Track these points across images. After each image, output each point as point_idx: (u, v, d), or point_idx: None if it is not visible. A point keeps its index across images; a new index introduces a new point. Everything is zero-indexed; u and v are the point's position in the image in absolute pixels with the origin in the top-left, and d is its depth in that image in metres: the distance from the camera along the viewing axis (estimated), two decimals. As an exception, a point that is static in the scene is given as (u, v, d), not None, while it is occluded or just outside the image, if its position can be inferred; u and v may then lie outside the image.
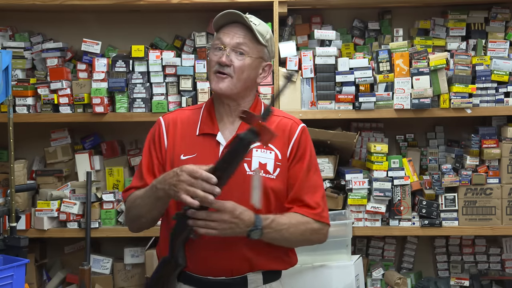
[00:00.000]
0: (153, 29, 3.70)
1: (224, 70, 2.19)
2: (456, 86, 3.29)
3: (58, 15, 3.69)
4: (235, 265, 2.17)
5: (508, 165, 3.35)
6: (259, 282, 2.21)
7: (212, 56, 2.22)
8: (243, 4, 3.40)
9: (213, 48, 2.23)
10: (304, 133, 2.27)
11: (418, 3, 3.65)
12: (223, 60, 2.18)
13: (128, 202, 2.28)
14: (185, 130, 2.26)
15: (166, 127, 2.27)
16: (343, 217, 3.22)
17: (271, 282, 2.25)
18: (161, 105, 3.34)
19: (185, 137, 2.25)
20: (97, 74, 3.36)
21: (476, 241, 3.63)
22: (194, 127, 2.26)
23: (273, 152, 2.21)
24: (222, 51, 2.20)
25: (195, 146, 2.22)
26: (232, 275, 2.18)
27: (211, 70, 2.22)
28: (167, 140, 2.26)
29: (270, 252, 2.21)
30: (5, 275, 2.56)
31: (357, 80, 3.33)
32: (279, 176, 2.20)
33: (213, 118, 2.26)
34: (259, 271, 2.21)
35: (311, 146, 2.28)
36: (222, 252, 2.15)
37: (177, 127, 2.27)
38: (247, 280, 2.20)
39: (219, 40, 2.22)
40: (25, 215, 3.35)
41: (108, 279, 3.51)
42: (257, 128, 1.99)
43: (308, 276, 3.00)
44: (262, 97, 3.33)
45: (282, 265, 2.27)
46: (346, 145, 3.35)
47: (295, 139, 2.24)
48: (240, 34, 2.21)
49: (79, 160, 3.56)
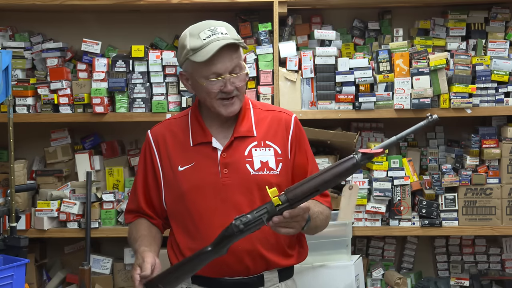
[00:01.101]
0: (153, 29, 3.70)
1: (232, 95, 2.15)
2: (456, 86, 3.29)
3: (58, 15, 3.69)
4: (252, 264, 2.17)
5: (508, 165, 3.35)
6: (275, 281, 2.22)
7: (211, 88, 2.12)
8: (243, 4, 3.40)
9: (207, 79, 2.12)
10: (297, 123, 2.29)
11: (418, 3, 3.65)
12: (229, 89, 2.12)
13: (130, 230, 2.32)
14: (177, 141, 2.24)
15: (156, 143, 2.26)
16: (343, 217, 3.22)
17: (286, 280, 2.26)
18: (161, 105, 3.34)
19: (179, 148, 2.23)
20: (97, 74, 3.36)
21: (476, 241, 3.63)
22: (186, 137, 2.24)
23: (272, 149, 2.21)
24: (221, 79, 2.11)
25: (191, 156, 2.21)
26: (249, 274, 2.18)
27: (213, 98, 2.14)
28: (158, 156, 2.25)
29: (282, 249, 2.21)
30: (5, 275, 2.56)
31: (357, 80, 3.33)
32: (282, 171, 2.21)
33: (203, 126, 2.23)
34: (274, 269, 2.22)
35: (304, 133, 2.32)
36: (239, 252, 2.15)
37: (167, 140, 2.25)
38: (264, 278, 2.20)
39: (214, 74, 2.11)
40: (25, 215, 3.35)
41: (108, 279, 3.51)
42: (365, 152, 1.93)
43: (308, 276, 3.00)
44: (262, 97, 3.33)
45: (295, 259, 2.27)
46: (346, 145, 3.35)
47: (292, 131, 2.25)
48: (229, 56, 2.11)
49: (79, 160, 3.56)
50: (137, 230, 2.26)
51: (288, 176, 2.22)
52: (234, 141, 2.20)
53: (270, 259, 2.19)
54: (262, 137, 2.22)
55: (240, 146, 2.20)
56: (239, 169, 2.17)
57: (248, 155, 2.18)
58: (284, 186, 2.18)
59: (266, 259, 2.18)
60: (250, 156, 2.18)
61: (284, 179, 2.21)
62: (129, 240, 2.30)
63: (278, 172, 2.20)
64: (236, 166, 2.17)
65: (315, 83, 3.35)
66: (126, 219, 2.36)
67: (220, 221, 2.11)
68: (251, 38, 3.48)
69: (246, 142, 2.21)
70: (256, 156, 2.19)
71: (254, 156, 2.19)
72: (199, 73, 2.12)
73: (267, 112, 2.28)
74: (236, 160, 2.18)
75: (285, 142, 2.23)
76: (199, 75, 2.13)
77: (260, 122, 2.25)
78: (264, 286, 2.20)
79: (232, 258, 2.15)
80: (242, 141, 2.21)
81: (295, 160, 2.24)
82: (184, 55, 2.14)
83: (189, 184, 2.18)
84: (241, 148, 2.20)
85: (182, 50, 2.15)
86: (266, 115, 2.27)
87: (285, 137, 2.24)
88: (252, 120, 2.24)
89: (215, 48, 2.06)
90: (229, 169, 2.17)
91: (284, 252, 2.23)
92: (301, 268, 2.98)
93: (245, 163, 2.18)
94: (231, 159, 2.18)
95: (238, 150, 2.19)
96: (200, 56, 2.08)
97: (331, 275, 3.03)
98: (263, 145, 2.21)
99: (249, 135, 2.21)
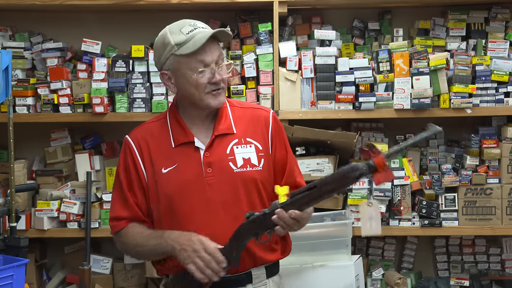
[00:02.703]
0: (153, 29, 3.66)
1: (219, 86, 2.17)
2: (456, 86, 3.29)
3: (58, 15, 3.69)
4: (241, 261, 2.17)
5: (508, 165, 3.35)
6: (263, 277, 2.23)
7: (200, 80, 2.13)
8: (243, 4, 3.40)
9: (195, 71, 2.13)
10: (275, 119, 2.31)
11: (418, 3, 3.65)
12: (217, 79, 2.15)
13: (123, 238, 2.25)
14: (158, 144, 2.23)
15: (137, 147, 2.24)
16: (343, 217, 3.21)
17: (273, 276, 2.27)
18: (161, 105, 3.34)
19: (160, 150, 2.22)
20: (97, 74, 3.36)
21: (476, 241, 3.63)
22: (167, 139, 2.23)
23: (253, 145, 2.23)
24: (209, 69, 2.14)
25: (173, 157, 2.20)
26: (237, 271, 2.18)
27: (202, 92, 2.15)
28: (141, 160, 2.23)
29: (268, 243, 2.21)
30: (5, 275, 2.56)
31: (357, 80, 3.33)
32: (265, 166, 2.23)
33: (184, 126, 2.23)
34: (262, 265, 2.23)
35: (283, 128, 2.34)
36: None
37: (148, 143, 2.24)
38: (252, 275, 2.21)
39: (200, 62, 2.13)
40: (25, 215, 3.36)
41: (108, 279, 3.51)
42: (377, 164, 1.95)
43: (308, 276, 3.00)
44: (262, 97, 3.33)
45: (279, 254, 2.28)
46: (346, 145, 3.35)
47: (271, 128, 2.27)
48: (214, 46, 2.15)
49: (79, 160, 3.56)
50: (141, 230, 2.23)
51: (270, 171, 2.25)
52: (215, 139, 2.21)
53: (257, 254, 2.20)
54: (242, 134, 2.24)
55: (221, 145, 2.21)
56: (222, 167, 2.18)
57: (230, 153, 2.20)
58: (267, 182, 2.23)
59: (253, 255, 2.19)
60: (232, 153, 2.20)
61: (267, 175, 2.23)
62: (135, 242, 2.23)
63: (261, 168, 2.21)
64: (220, 165, 2.18)
65: (315, 83, 3.35)
66: (116, 227, 2.27)
67: (206, 221, 2.14)
68: (251, 38, 3.48)
69: (226, 140, 2.22)
70: (238, 153, 2.21)
71: (236, 154, 2.20)
72: (186, 66, 2.14)
73: (244, 109, 2.31)
74: (219, 159, 2.19)
75: (265, 138, 2.25)
76: (186, 68, 2.14)
77: (238, 119, 2.27)
78: (252, 283, 2.21)
79: None
80: (223, 139, 2.22)
81: (275, 156, 2.26)
82: (167, 52, 2.15)
83: (174, 186, 2.18)
84: (222, 146, 2.21)
85: (163, 48, 2.17)
86: (244, 112, 2.29)
87: (265, 133, 2.26)
88: (230, 118, 2.26)
89: (204, 38, 2.10)
90: (212, 168, 2.18)
91: (270, 247, 2.24)
92: (301, 268, 2.99)
93: (228, 161, 2.19)
94: (214, 158, 2.19)
95: (220, 148, 2.21)
96: (187, 48, 2.11)
97: (331, 275, 3.03)
98: (244, 142, 2.22)
99: (229, 133, 2.23)
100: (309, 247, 2.37)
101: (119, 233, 2.27)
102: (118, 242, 2.30)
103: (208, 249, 2.07)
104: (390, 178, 1.98)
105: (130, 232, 2.24)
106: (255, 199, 2.19)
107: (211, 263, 2.06)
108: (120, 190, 2.26)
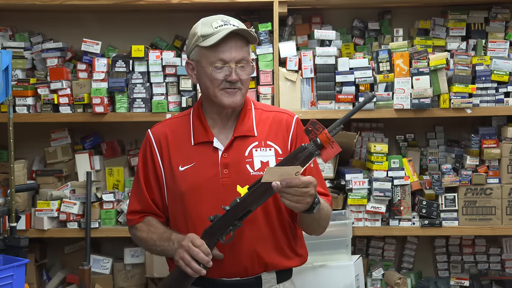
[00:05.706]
0: (153, 29, 3.70)
1: (235, 86, 2.16)
2: (456, 86, 3.29)
3: (58, 15, 3.69)
4: (250, 265, 2.17)
5: (508, 165, 3.35)
6: (273, 282, 2.22)
7: (216, 75, 2.14)
8: (243, 4, 3.40)
9: (212, 65, 2.14)
10: (299, 124, 2.29)
11: (418, 3, 3.65)
12: (234, 78, 2.14)
13: (138, 232, 2.29)
14: (178, 140, 2.24)
15: (157, 143, 2.26)
16: (343, 217, 3.22)
17: (284, 281, 2.26)
18: (161, 105, 3.34)
19: (180, 148, 2.23)
20: (97, 74, 3.36)
21: (476, 241, 3.63)
22: (187, 137, 2.24)
23: (273, 149, 2.22)
24: (227, 67, 2.14)
25: (191, 155, 2.21)
26: (247, 275, 2.18)
27: (216, 87, 2.16)
28: (160, 156, 2.25)
29: (281, 250, 2.21)
30: (5, 275, 2.56)
31: (357, 80, 3.33)
32: None
33: (205, 125, 2.23)
34: (272, 270, 2.22)
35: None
36: (236, 252, 2.15)
37: (168, 139, 2.25)
38: (262, 280, 2.20)
39: (220, 60, 2.14)
40: (25, 215, 3.35)
41: (108, 279, 3.51)
42: (322, 141, 1.97)
43: (308, 276, 3.00)
44: (262, 97, 3.33)
45: (294, 262, 2.27)
46: (346, 145, 3.35)
47: (292, 132, 2.25)
48: (238, 46, 2.15)
49: (79, 160, 3.56)
50: (156, 228, 2.25)
51: None
52: (235, 141, 2.20)
53: (268, 261, 2.19)
54: (263, 137, 2.22)
55: (241, 146, 2.20)
56: (239, 169, 2.17)
57: (249, 155, 2.19)
58: None
59: (264, 261, 2.18)
60: (250, 156, 2.19)
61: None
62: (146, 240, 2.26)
63: None
64: (236, 167, 2.17)
65: (315, 83, 3.35)
66: (132, 221, 2.31)
67: None
68: (251, 38, 3.47)
69: (246, 142, 2.21)
70: (257, 156, 2.19)
71: (254, 156, 2.19)
72: (205, 59, 2.15)
73: (268, 113, 2.29)
74: (237, 161, 2.18)
75: (285, 142, 2.24)
76: (206, 61, 2.15)
77: (261, 122, 2.25)
78: (262, 287, 2.20)
79: (229, 259, 2.15)
80: (243, 141, 2.21)
81: None
82: (193, 42, 2.18)
83: (189, 184, 2.18)
84: (241, 148, 2.20)
85: (192, 38, 2.20)
86: (268, 116, 2.27)
87: (285, 137, 2.24)
88: (253, 120, 2.24)
89: (224, 33, 2.10)
90: (229, 169, 2.17)
91: (284, 254, 2.22)
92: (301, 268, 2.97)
93: (245, 163, 2.18)
94: (231, 159, 2.18)
95: (239, 150, 2.20)
96: (210, 41, 2.13)
97: (331, 275, 3.04)
98: (264, 145, 2.21)
99: (249, 135, 2.21)
100: (309, 247, 2.36)
101: (134, 226, 2.31)
102: (133, 235, 2.35)
103: (194, 241, 2.07)
104: (337, 152, 1.98)
105: (144, 228, 2.27)
106: (269, 203, 2.16)
107: (199, 254, 2.06)
108: (137, 184, 2.30)
